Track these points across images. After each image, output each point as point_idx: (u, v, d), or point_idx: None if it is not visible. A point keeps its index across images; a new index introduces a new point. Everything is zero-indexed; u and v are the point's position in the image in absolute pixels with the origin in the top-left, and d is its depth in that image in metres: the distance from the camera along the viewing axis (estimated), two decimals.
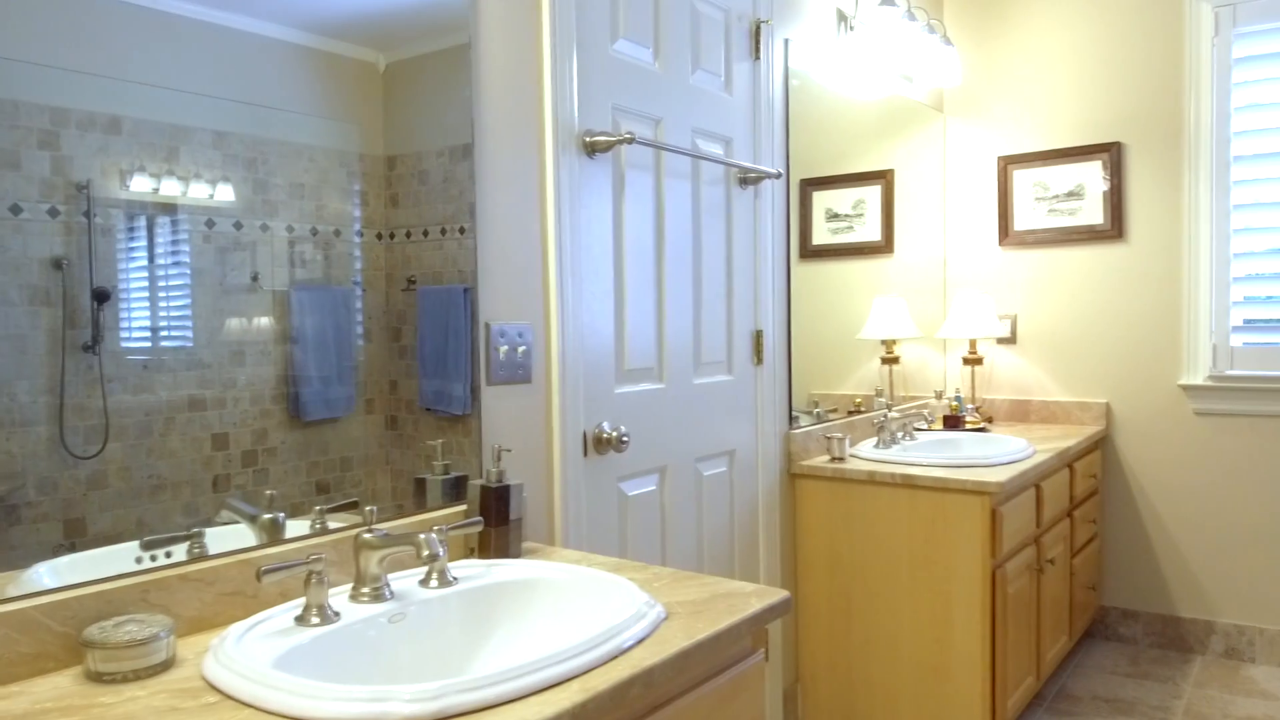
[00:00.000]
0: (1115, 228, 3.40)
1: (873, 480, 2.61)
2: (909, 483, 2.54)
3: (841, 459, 2.74)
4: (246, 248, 1.38)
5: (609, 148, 2.02)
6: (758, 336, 2.60)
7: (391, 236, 1.60)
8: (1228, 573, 3.27)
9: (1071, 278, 3.51)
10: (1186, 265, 3.28)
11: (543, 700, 1.02)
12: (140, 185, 1.26)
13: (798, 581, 2.77)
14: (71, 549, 1.19)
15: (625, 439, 2.05)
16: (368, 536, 1.32)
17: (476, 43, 1.76)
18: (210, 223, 1.34)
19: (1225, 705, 2.88)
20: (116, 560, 1.23)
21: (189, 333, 1.32)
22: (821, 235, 2.94)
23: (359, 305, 1.55)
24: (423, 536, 1.27)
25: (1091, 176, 3.45)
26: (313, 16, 1.46)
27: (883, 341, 3.27)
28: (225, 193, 1.35)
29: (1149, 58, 3.34)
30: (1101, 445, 3.47)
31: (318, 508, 1.48)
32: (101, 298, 1.22)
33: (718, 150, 2.45)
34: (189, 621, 1.27)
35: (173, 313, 1.30)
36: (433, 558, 1.27)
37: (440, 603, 1.36)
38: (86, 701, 1.05)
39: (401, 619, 1.31)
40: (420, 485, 1.65)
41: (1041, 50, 3.55)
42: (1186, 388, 3.29)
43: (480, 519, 1.58)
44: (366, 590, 1.33)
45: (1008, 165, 3.61)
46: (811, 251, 2.89)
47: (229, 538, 1.36)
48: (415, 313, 1.64)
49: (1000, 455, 2.71)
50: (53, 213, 1.18)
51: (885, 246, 3.29)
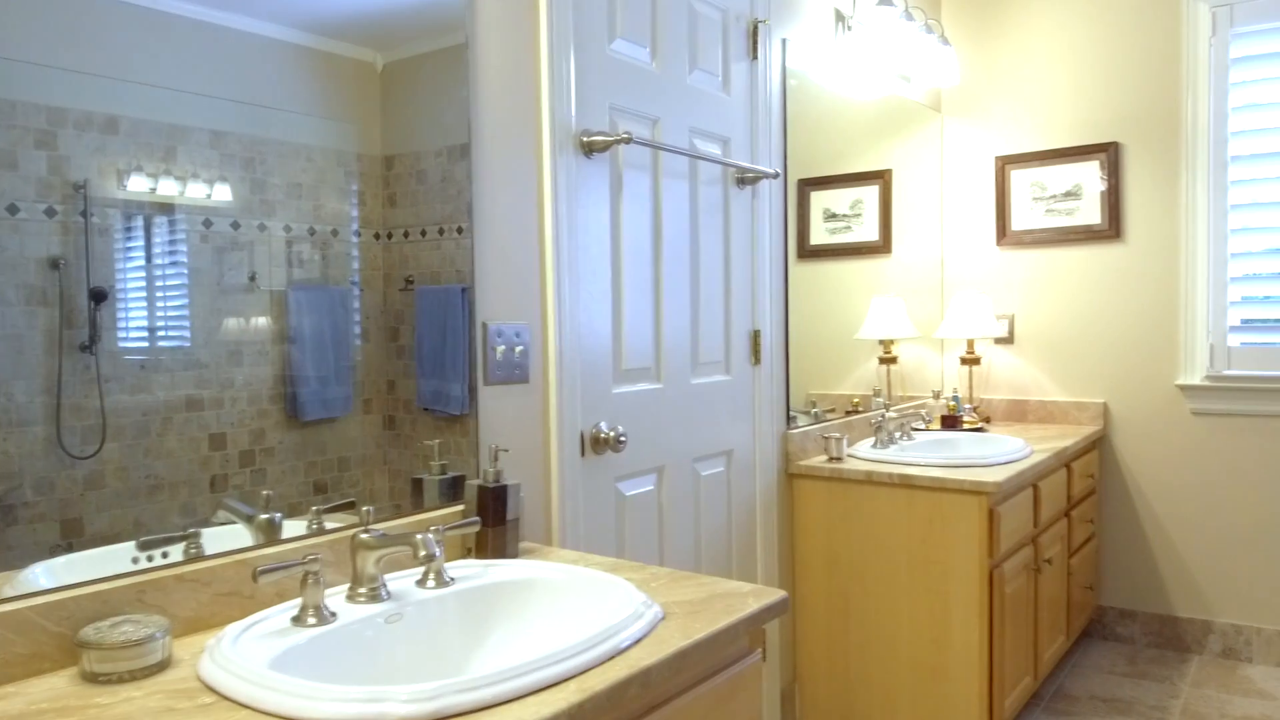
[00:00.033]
0: (1113, 228, 3.40)
1: (870, 480, 2.61)
2: (907, 483, 2.54)
3: (839, 459, 2.74)
4: (244, 247, 1.38)
5: (606, 148, 2.02)
6: (755, 336, 2.60)
7: (389, 236, 1.60)
8: (1225, 572, 3.27)
9: (1069, 278, 3.52)
10: (1184, 265, 3.28)
11: (540, 700, 1.02)
12: (137, 185, 1.26)
13: (795, 581, 2.77)
14: (68, 549, 1.19)
15: (623, 439, 2.05)
16: (364, 537, 1.32)
17: (474, 42, 1.75)
18: (208, 222, 1.34)
19: (1222, 705, 2.89)
20: (113, 561, 1.23)
21: (186, 333, 1.31)
22: (819, 235, 2.94)
23: (357, 305, 1.54)
24: (420, 536, 1.27)
25: (1089, 176, 3.45)
26: (310, 16, 1.46)
27: (880, 341, 3.27)
28: (223, 192, 1.35)
29: (1146, 58, 3.34)
30: (1099, 445, 3.47)
31: (315, 508, 1.48)
32: (99, 298, 1.22)
33: (715, 150, 2.45)
34: (185, 622, 1.27)
35: (170, 313, 1.30)
36: (430, 558, 1.26)
37: (437, 603, 1.36)
38: (82, 702, 1.05)
39: (398, 619, 1.31)
40: (417, 485, 1.65)
41: (1039, 50, 3.55)
42: (1184, 388, 3.30)
43: (477, 519, 1.58)
44: (363, 590, 1.33)
45: (1005, 165, 3.61)
46: (809, 251, 2.89)
47: (226, 538, 1.36)
48: (413, 313, 1.64)
49: (998, 455, 2.72)
50: (50, 212, 1.17)
51: (883, 246, 3.29)
